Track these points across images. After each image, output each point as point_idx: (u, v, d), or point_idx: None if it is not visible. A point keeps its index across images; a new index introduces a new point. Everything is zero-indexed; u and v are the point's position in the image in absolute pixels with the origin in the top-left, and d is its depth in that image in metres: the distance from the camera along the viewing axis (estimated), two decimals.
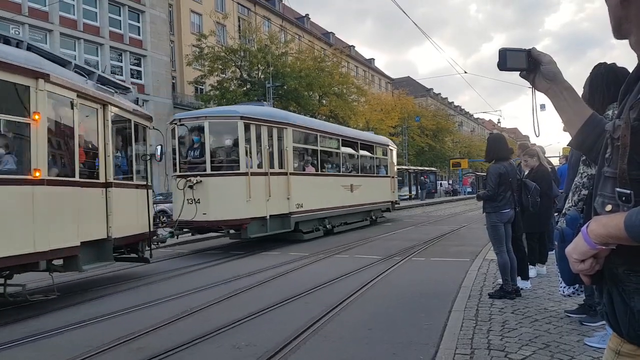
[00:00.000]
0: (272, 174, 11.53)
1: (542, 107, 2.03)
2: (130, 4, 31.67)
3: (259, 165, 11.28)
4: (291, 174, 12.20)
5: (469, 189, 49.64)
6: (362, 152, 17.25)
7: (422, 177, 40.03)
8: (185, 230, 10.89)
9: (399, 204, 21.58)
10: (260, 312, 5.45)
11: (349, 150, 16.46)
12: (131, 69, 31.74)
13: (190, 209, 10.28)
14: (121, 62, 31.32)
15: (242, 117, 10.97)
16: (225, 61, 29.68)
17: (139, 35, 32.45)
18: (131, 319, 5.39)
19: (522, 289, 5.70)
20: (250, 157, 10.91)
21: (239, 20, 41.96)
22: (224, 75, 30.27)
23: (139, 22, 32.60)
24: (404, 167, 41.27)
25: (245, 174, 10.71)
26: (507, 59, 1.45)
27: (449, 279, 7.09)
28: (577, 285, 3.78)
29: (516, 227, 5.75)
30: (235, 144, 10.99)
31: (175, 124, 11.32)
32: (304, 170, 13.36)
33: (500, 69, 1.47)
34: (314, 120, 16.67)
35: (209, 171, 10.74)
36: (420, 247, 10.70)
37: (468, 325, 4.46)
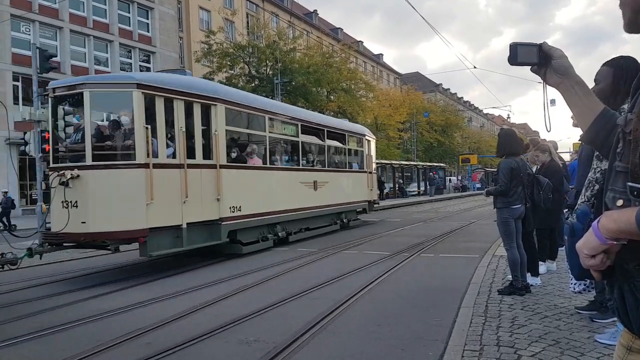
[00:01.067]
0: (192, 166, 8.41)
1: (552, 102, 2.02)
2: (140, 1, 31.81)
3: (172, 155, 8.20)
4: (223, 166, 9.06)
5: (478, 185, 49.42)
6: (330, 142, 14.22)
7: (430, 173, 39.91)
8: (66, 245, 7.98)
9: (378, 203, 18.52)
10: (269, 307, 5.47)
11: (313, 139, 13.36)
12: (140, 66, 31.90)
13: (63, 216, 7.30)
14: (130, 58, 31.50)
15: (139, 85, 7.71)
16: (234, 57, 29.77)
17: (148, 32, 32.60)
18: (140, 314, 5.43)
19: (532, 285, 5.66)
20: (157, 142, 7.89)
21: (247, 17, 42.03)
22: (232, 72, 30.38)
23: (148, 18, 32.74)
24: (412, 162, 41.19)
25: (145, 165, 7.57)
26: (518, 54, 1.45)
27: (458, 275, 7.06)
28: (587, 282, 3.75)
29: (526, 222, 5.72)
30: (131, 123, 7.81)
31: (48, 95, 8.16)
32: (244, 162, 10.07)
33: (511, 64, 1.46)
34: (260, 98, 13.15)
35: (89, 162, 7.53)
36: (429, 243, 10.66)
37: (477, 322, 4.44)
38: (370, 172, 16.72)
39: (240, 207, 9.45)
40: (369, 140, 16.93)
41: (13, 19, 24.69)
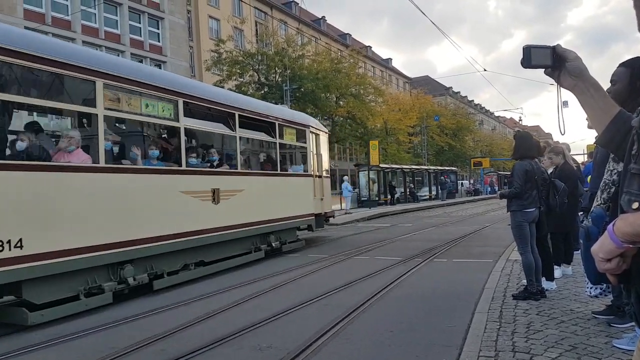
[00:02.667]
0: None
1: (565, 104, 1.99)
2: (150, 11, 32.21)
3: None
4: None
5: (489, 188, 49.10)
6: (246, 133, 9.75)
7: (442, 177, 39.70)
8: None
9: (333, 217, 14.48)
10: (281, 314, 5.46)
11: (211, 126, 9.00)
12: None
13: None
14: None
15: None
16: (243, 65, 30.00)
17: (159, 41, 32.99)
18: (153, 321, 5.46)
19: (547, 289, 5.59)
20: None
21: (256, 25, 42.37)
22: (242, 80, 30.61)
23: (158, 28, 33.14)
24: (423, 167, 41.04)
25: None
26: (532, 56, 1.43)
27: (472, 280, 7.00)
28: (604, 286, 3.71)
29: (541, 226, 5.66)
30: None
31: None
32: (45, 159, 5.86)
33: (525, 67, 1.45)
34: (85, 49, 8.01)
35: None
36: (442, 248, 10.59)
37: (492, 327, 4.39)
38: (320, 176, 12.64)
39: (19, 241, 5.18)
40: (316, 134, 12.73)
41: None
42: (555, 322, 4.47)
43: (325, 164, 13.47)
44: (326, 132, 14.07)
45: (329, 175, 13.77)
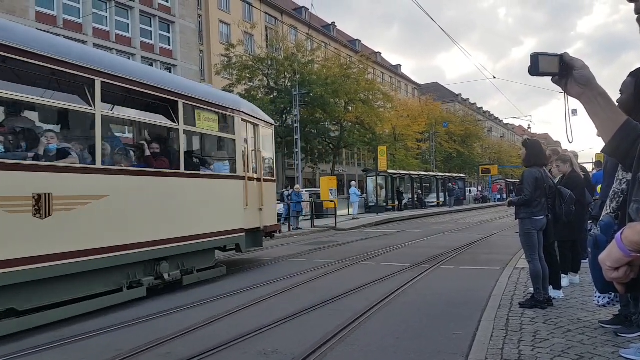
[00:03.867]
0: None
1: (574, 112, 1.99)
2: (161, 15, 32.50)
3: None
4: None
5: (498, 196, 48.83)
6: (119, 112, 7.38)
7: (450, 184, 39.55)
8: None
9: (279, 231, 11.33)
10: (287, 318, 5.46)
11: (40, 95, 5.70)
12: None
13: None
14: None
15: None
16: (253, 70, 30.21)
17: (169, 45, 33.24)
18: (160, 324, 5.48)
19: (554, 298, 5.55)
20: None
21: (266, 30, 42.62)
22: (251, 84, 30.80)
23: (169, 32, 33.41)
24: (431, 173, 40.94)
25: None
26: (540, 64, 1.44)
27: (479, 287, 6.96)
28: (612, 295, 3.68)
29: (548, 234, 5.63)
30: None
31: None
32: None
33: (532, 75, 1.46)
34: None
35: None
36: (449, 255, 10.54)
37: (498, 335, 4.36)
38: (259, 180, 9.72)
39: None
40: (254, 124, 9.70)
41: None
42: (562, 331, 4.44)
43: (266, 163, 10.41)
44: (271, 124, 10.90)
45: (273, 179, 10.82)
